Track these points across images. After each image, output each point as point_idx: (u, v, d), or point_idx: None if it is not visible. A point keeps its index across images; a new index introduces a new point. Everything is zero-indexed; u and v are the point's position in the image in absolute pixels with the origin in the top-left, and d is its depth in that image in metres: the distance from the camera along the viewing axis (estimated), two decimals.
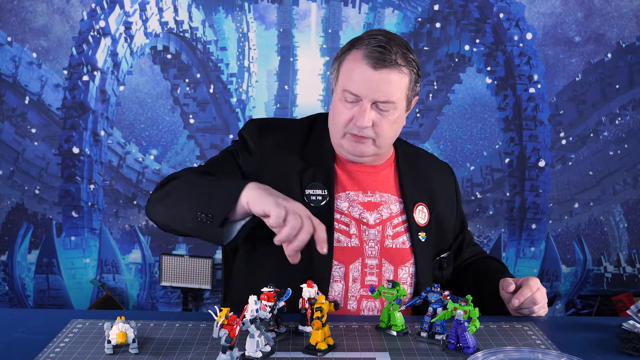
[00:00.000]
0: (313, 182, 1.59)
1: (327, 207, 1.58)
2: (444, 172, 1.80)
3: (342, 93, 1.54)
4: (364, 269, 1.60)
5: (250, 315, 1.24)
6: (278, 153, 1.62)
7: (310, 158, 1.63)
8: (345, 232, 1.59)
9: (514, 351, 1.26)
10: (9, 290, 3.53)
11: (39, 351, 1.29)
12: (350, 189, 1.64)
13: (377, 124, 1.53)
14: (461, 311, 1.29)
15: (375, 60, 1.49)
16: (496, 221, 3.57)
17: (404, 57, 1.52)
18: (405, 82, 1.54)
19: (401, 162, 1.71)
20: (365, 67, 1.50)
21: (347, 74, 1.53)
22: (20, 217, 3.50)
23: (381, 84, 1.50)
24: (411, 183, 1.68)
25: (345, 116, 1.54)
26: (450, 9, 3.43)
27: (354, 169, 1.65)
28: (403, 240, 1.63)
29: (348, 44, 1.58)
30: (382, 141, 1.57)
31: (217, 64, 3.48)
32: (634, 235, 3.60)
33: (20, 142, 3.46)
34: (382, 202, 1.65)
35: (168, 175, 1.55)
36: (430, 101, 3.51)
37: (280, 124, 1.71)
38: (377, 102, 1.51)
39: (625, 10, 3.43)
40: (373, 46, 1.50)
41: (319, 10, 3.46)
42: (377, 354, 1.29)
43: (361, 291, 1.59)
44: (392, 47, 1.50)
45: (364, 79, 1.50)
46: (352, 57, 1.53)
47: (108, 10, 3.38)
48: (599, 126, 3.52)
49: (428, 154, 1.86)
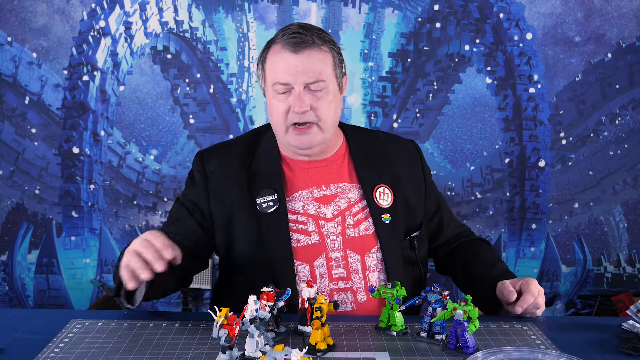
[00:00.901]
0: (262, 189, 1.61)
1: (279, 210, 1.60)
2: (406, 150, 1.78)
3: (272, 88, 1.57)
4: (329, 263, 1.61)
5: (250, 315, 1.24)
6: (222, 174, 1.66)
7: (257, 167, 1.65)
8: (304, 230, 1.61)
9: (514, 351, 1.26)
10: (9, 290, 3.54)
11: (39, 351, 1.29)
12: (302, 188, 1.65)
13: (315, 107, 1.55)
14: (461, 311, 1.30)
15: (293, 45, 1.53)
16: (496, 221, 3.57)
17: (320, 37, 1.57)
18: (330, 60, 1.57)
19: (354, 148, 1.71)
20: (286, 54, 1.54)
21: (271, 68, 1.57)
22: (20, 217, 3.50)
23: (306, 65, 1.53)
24: (368, 167, 1.68)
25: (281, 108, 1.56)
26: (450, 9, 3.43)
27: (304, 166, 1.67)
28: (366, 227, 1.63)
29: (265, 45, 1.62)
30: (325, 124, 1.59)
31: (217, 64, 3.48)
32: (634, 235, 3.59)
33: (20, 142, 3.46)
34: (339, 192, 1.65)
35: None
36: (430, 101, 3.51)
37: (222, 145, 1.76)
38: (308, 84, 1.54)
39: (625, 10, 3.43)
40: (288, 35, 1.55)
41: (319, 10, 3.46)
42: (376, 354, 1.30)
43: (331, 285, 1.61)
44: (306, 31, 1.55)
45: (288, 65, 1.53)
46: (272, 52, 1.58)
47: (108, 10, 3.38)
48: (599, 126, 3.52)
49: (389, 135, 1.84)
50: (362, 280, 1.61)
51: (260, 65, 1.62)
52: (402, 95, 3.51)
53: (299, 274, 1.59)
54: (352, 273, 1.61)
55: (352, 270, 1.61)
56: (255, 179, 1.64)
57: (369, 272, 1.62)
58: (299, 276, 1.59)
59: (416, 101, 3.51)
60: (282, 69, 1.54)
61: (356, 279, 1.61)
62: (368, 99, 3.52)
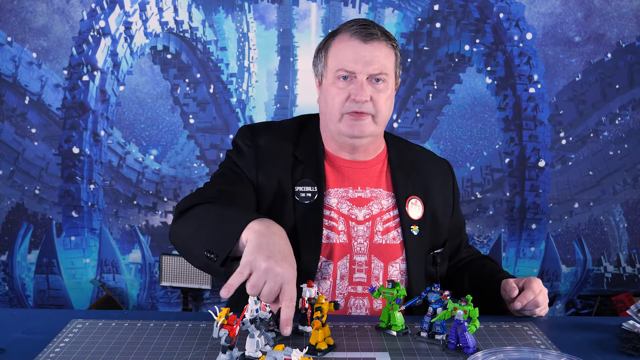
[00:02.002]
0: (303, 179, 1.61)
1: (316, 204, 1.59)
2: (440, 167, 1.78)
3: (335, 74, 1.57)
4: (352, 265, 1.60)
5: (250, 315, 1.24)
6: (270, 152, 1.63)
7: (301, 156, 1.64)
8: (334, 227, 1.60)
9: (514, 351, 1.26)
10: (9, 290, 3.53)
11: (39, 351, 1.29)
12: (339, 186, 1.64)
13: (374, 98, 1.56)
14: (461, 311, 1.29)
15: (363, 35, 1.54)
16: (496, 221, 3.57)
17: (386, 35, 1.59)
18: (393, 57, 1.59)
19: (393, 156, 1.71)
20: (355, 42, 1.55)
21: (337, 55, 1.57)
22: (20, 217, 3.50)
23: (374, 56, 1.54)
24: (404, 177, 1.68)
25: (341, 96, 1.56)
26: (450, 9, 3.43)
27: (344, 165, 1.66)
28: (394, 236, 1.63)
29: (329, 35, 1.63)
30: (380, 117, 1.59)
31: (217, 64, 3.48)
32: (634, 235, 3.59)
33: (20, 142, 3.46)
34: (373, 197, 1.65)
35: (186, 200, 1.51)
36: (430, 101, 3.51)
37: (271, 125, 1.73)
38: (372, 75, 1.55)
39: (625, 10, 3.43)
40: (357, 26, 1.56)
41: (319, 10, 3.46)
42: (377, 354, 1.29)
43: (349, 288, 1.60)
44: (374, 26, 1.58)
45: (356, 53, 1.54)
46: (339, 40, 1.58)
47: (108, 10, 3.38)
48: (599, 126, 3.52)
49: (424, 149, 1.85)
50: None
51: (322, 52, 1.62)
52: (402, 95, 3.51)
53: (322, 270, 1.58)
54: (373, 280, 1.60)
55: (373, 277, 1.60)
56: (297, 166, 1.63)
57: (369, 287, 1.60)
58: (321, 272, 1.58)
59: (416, 101, 3.51)
60: (349, 57, 1.55)
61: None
62: None
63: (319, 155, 1.65)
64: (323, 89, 1.62)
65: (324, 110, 1.64)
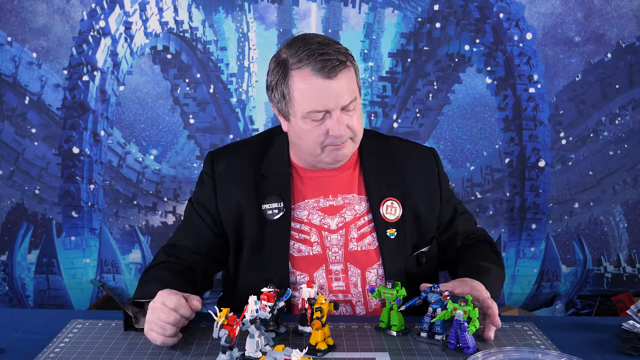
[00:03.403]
0: (269, 196, 1.59)
1: (283, 219, 1.57)
2: (422, 160, 1.72)
3: (306, 115, 1.49)
4: (328, 275, 1.58)
5: (250, 315, 1.24)
6: (229, 175, 1.63)
7: (267, 172, 1.62)
8: (306, 240, 1.58)
9: (514, 351, 1.26)
10: (9, 290, 3.54)
11: (39, 351, 1.29)
12: (309, 197, 1.62)
13: (350, 125, 1.52)
14: (461, 311, 1.30)
15: (326, 71, 1.45)
16: (496, 221, 3.57)
17: (340, 51, 1.51)
18: (354, 74, 1.54)
19: (365, 159, 1.66)
20: (320, 81, 1.46)
21: (304, 97, 1.48)
22: (20, 217, 3.50)
23: (342, 89, 1.48)
24: (377, 178, 1.63)
25: (317, 133, 1.51)
26: (450, 9, 3.43)
27: (313, 175, 1.63)
28: (369, 242, 1.60)
29: (280, 67, 1.51)
30: (358, 136, 1.58)
31: (217, 64, 3.48)
32: (634, 235, 3.59)
33: (20, 142, 3.46)
34: (346, 204, 1.62)
35: (158, 253, 1.68)
36: (430, 101, 3.51)
37: (233, 146, 1.74)
38: (345, 106, 1.49)
39: (625, 10, 3.43)
40: (315, 59, 1.46)
41: (319, 10, 3.46)
42: (377, 354, 1.30)
43: (330, 296, 1.59)
44: (328, 50, 1.47)
45: (325, 92, 1.46)
46: (300, 78, 1.48)
47: (108, 10, 3.38)
48: (599, 126, 3.52)
49: (406, 142, 1.78)
50: (360, 294, 1.60)
51: (278, 91, 1.53)
52: (402, 95, 3.51)
53: (299, 282, 1.58)
54: (352, 287, 1.60)
55: (351, 284, 1.59)
56: (263, 183, 1.61)
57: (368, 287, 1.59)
58: (298, 284, 1.58)
59: (416, 101, 3.51)
60: (318, 97, 1.47)
61: (355, 293, 1.60)
62: (368, 99, 3.52)
63: (285, 169, 1.63)
64: (293, 125, 1.55)
65: (296, 143, 1.59)
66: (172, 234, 1.74)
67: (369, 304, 1.60)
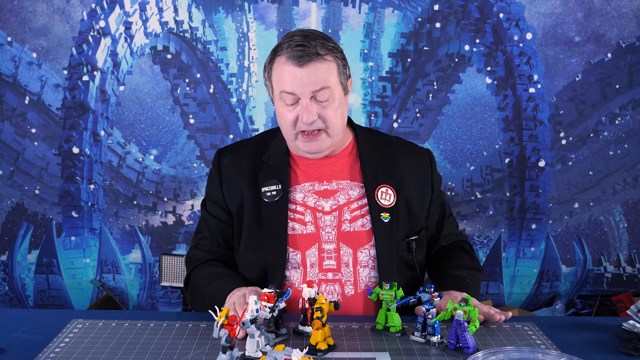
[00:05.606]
0: (268, 180, 1.70)
1: (280, 200, 1.68)
2: (418, 159, 1.80)
3: (280, 96, 1.62)
4: (321, 253, 1.66)
5: (251, 315, 1.24)
6: (232, 167, 1.76)
7: (268, 160, 1.74)
8: (301, 220, 1.67)
9: (514, 351, 1.26)
10: (9, 290, 3.54)
11: (39, 351, 1.29)
12: (305, 181, 1.72)
13: (322, 115, 1.61)
14: (461, 311, 1.30)
15: (297, 59, 1.57)
16: (496, 221, 3.57)
17: (324, 46, 1.61)
18: (334, 68, 1.62)
19: (362, 148, 1.76)
20: (291, 67, 1.58)
21: (278, 79, 1.62)
22: (20, 217, 3.50)
23: (311, 77, 1.58)
24: (373, 166, 1.73)
25: (290, 117, 1.62)
26: (450, 9, 3.43)
27: (310, 162, 1.73)
28: (362, 224, 1.68)
29: (271, 53, 1.67)
30: (333, 129, 1.65)
31: (217, 64, 3.48)
32: (634, 235, 3.60)
33: (20, 142, 3.46)
34: (340, 189, 1.71)
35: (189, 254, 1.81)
36: (430, 101, 3.51)
37: (240, 141, 1.87)
38: (314, 93, 1.58)
39: (625, 10, 3.43)
40: (292, 47, 1.58)
41: (319, 10, 3.46)
42: (377, 354, 1.30)
43: (320, 275, 1.65)
44: (309, 42, 1.59)
45: (293, 77, 1.58)
46: (278, 63, 1.62)
47: (108, 10, 3.38)
48: (599, 126, 3.52)
49: (403, 141, 1.86)
50: (351, 274, 1.65)
51: (266, 74, 1.67)
52: (402, 95, 3.51)
53: (290, 260, 1.65)
54: (343, 266, 1.65)
55: (343, 263, 1.65)
56: (263, 169, 1.72)
57: (360, 267, 1.65)
58: (290, 262, 1.65)
59: (416, 101, 3.51)
60: (287, 80, 1.59)
61: (346, 272, 1.65)
62: (368, 99, 3.53)
63: (284, 158, 1.74)
64: (276, 109, 1.69)
65: (280, 127, 1.71)
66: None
67: (359, 284, 1.65)
